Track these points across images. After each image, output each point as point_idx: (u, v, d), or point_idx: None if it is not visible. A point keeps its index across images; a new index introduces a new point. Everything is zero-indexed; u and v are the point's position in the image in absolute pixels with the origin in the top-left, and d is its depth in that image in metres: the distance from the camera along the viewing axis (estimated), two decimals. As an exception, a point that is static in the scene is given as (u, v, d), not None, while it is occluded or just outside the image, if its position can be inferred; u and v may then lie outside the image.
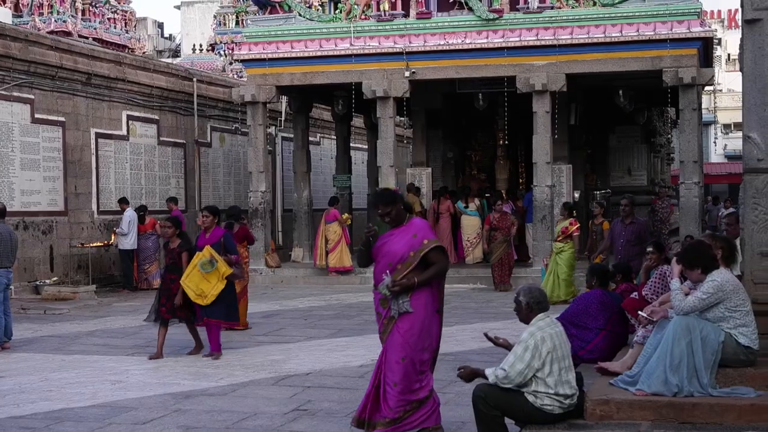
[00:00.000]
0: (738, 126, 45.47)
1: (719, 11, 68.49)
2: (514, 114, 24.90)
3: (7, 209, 16.26)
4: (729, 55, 64.40)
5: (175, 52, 60.35)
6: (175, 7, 63.73)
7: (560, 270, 19.41)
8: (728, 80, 61.10)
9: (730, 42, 62.63)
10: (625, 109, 26.31)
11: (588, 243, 20.65)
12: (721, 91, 59.60)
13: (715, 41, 39.61)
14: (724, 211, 26.30)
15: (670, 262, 9.41)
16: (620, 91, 25.01)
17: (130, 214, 22.99)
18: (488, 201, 25.34)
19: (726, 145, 59.29)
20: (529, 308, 7.83)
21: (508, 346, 7.98)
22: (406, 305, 8.06)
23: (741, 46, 9.45)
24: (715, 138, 57.69)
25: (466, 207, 25.62)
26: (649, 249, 12.54)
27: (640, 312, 9.43)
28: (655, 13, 22.81)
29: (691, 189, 22.73)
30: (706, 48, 24.19)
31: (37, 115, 22.04)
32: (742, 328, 8.14)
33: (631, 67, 23.09)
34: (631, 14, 22.98)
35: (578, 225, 20.03)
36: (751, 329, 8.18)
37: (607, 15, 23.13)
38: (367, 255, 8.45)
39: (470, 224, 25.47)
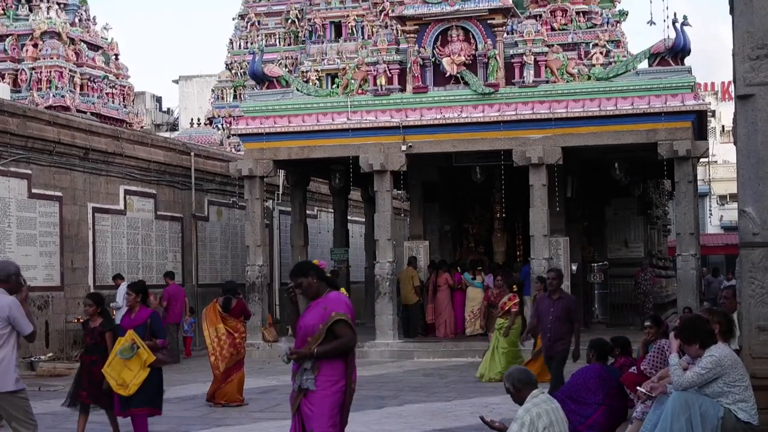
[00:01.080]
0: (734, 197, 45.62)
1: (713, 83, 69.06)
2: (511, 187, 24.99)
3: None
4: (723, 126, 64.79)
5: (173, 126, 60.74)
6: (173, 81, 64.29)
7: (500, 344, 18.98)
8: (723, 151, 61.43)
9: (724, 114, 63.02)
10: (621, 182, 26.40)
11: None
12: (716, 162, 59.86)
13: (709, 113, 39.95)
14: (726, 283, 26.31)
15: (668, 336, 9.37)
16: (616, 164, 25.11)
17: (125, 288, 22.91)
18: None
19: (722, 216, 59.39)
20: (516, 390, 7.82)
21: (504, 429, 7.91)
22: (310, 383, 8.09)
23: (734, 121, 9.51)
24: (711, 209, 57.81)
25: (474, 279, 25.71)
26: (647, 323, 12.50)
27: (639, 387, 9.38)
28: (649, 87, 23.01)
29: (688, 261, 22.74)
30: (700, 120, 24.35)
31: (34, 190, 22.08)
32: (741, 403, 8.09)
33: (627, 140, 23.23)
34: (625, 88, 23.19)
35: (517, 300, 19.71)
36: (750, 404, 8.13)
37: (602, 89, 23.33)
38: (293, 316, 8.44)
39: (476, 296, 25.53)
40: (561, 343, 14.30)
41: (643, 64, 23.95)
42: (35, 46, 33.85)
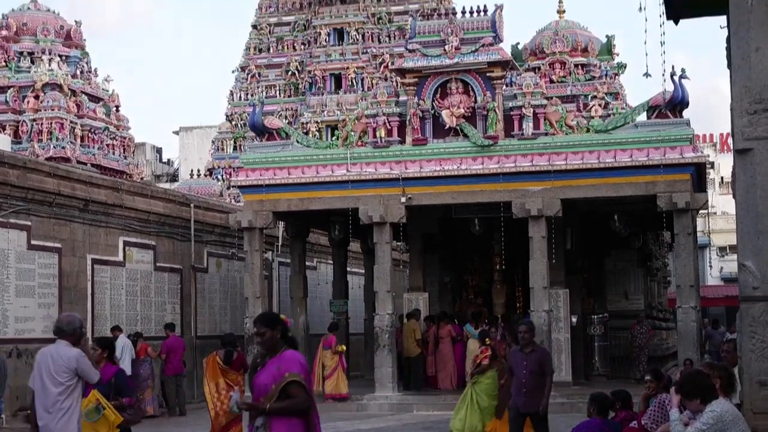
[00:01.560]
0: (734, 249, 45.60)
1: (711, 135, 69.32)
2: (511, 238, 24.99)
3: (1, 337, 16.17)
4: (722, 178, 64.94)
5: (174, 177, 60.86)
6: (173, 132, 64.60)
7: (480, 399, 18.50)
8: (722, 203, 61.51)
9: (723, 165, 63.19)
10: (621, 234, 26.40)
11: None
12: (715, 213, 59.94)
13: (708, 165, 40.05)
14: (729, 336, 26.24)
15: (669, 390, 9.32)
16: (615, 216, 25.12)
17: (123, 340, 22.83)
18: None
19: (722, 267, 59.30)
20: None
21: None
22: None
23: (733, 175, 9.52)
24: (711, 261, 57.77)
25: (476, 329, 25.62)
26: (648, 377, 12.44)
27: (639, 442, 9.31)
28: (647, 139, 23.09)
29: (688, 313, 22.69)
30: (699, 173, 24.41)
31: (33, 242, 22.05)
32: (743, 459, 8.02)
33: (626, 192, 23.27)
34: (624, 140, 23.27)
35: (489, 353, 19.37)
36: (752, 460, 8.06)
37: (601, 141, 23.42)
38: (252, 373, 8.34)
39: (477, 348, 25.32)
40: (539, 398, 13.99)
41: (642, 117, 24.06)
42: (36, 97, 34.02)
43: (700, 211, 30.44)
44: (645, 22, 11.29)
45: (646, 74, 12.48)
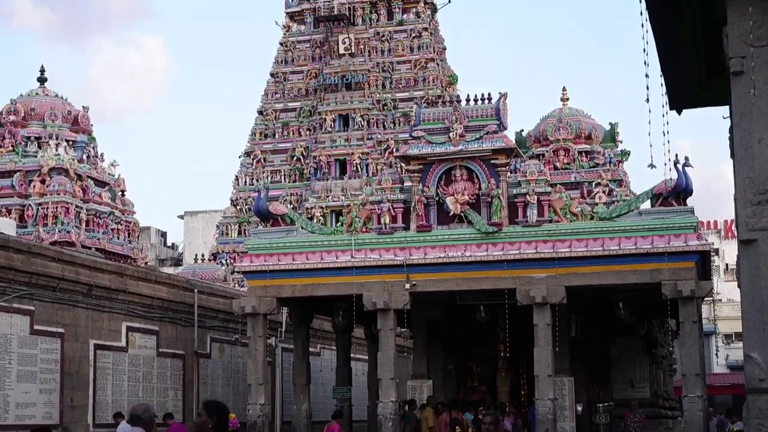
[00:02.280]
0: (740, 336, 45.36)
1: (715, 222, 69.38)
2: (515, 325, 24.87)
3: (1, 423, 16.03)
4: (727, 264, 64.84)
5: (178, 261, 60.93)
6: (178, 216, 64.74)
7: None
8: (727, 290, 61.31)
9: (728, 252, 63.17)
10: (626, 321, 26.26)
11: None
12: (720, 300, 59.70)
13: (713, 252, 39.98)
14: (731, 426, 25.98)
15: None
16: (620, 304, 25.03)
17: (124, 426, 22.62)
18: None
19: (728, 355, 58.91)
20: None
21: None
22: None
23: (738, 264, 9.50)
24: (717, 348, 57.43)
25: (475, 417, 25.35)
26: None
27: None
28: (652, 227, 23.11)
29: (694, 402, 22.49)
30: (704, 260, 24.38)
31: (36, 327, 21.98)
32: None
33: (630, 279, 23.21)
34: (628, 228, 23.28)
35: None
36: None
37: (605, 229, 23.43)
38: None
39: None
40: None
41: (646, 204, 24.11)
42: (43, 182, 34.17)
43: (705, 299, 30.32)
44: (649, 114, 11.35)
45: (651, 165, 12.53)
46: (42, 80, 37.42)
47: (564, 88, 37.71)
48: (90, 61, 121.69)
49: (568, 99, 37.61)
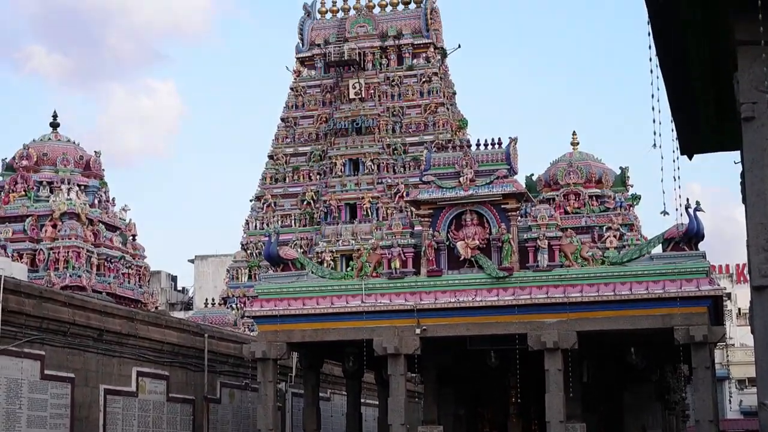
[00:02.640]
0: (753, 381, 45.07)
1: (727, 266, 69.14)
2: (526, 371, 24.73)
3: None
4: (740, 309, 64.55)
5: (188, 305, 60.94)
6: (189, 260, 64.80)
7: None
8: (740, 335, 60.97)
9: (740, 296, 62.89)
10: (638, 366, 26.11)
11: None
12: (733, 345, 59.38)
13: (725, 297, 39.84)
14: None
15: None
16: (632, 349, 24.88)
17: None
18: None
19: (741, 401, 58.53)
20: None
21: None
22: None
23: (751, 309, 9.46)
24: (731, 394, 57.07)
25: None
26: None
27: None
28: (663, 271, 23.02)
29: (708, 449, 22.27)
30: (716, 305, 24.26)
31: (46, 371, 21.95)
32: None
33: (642, 324, 23.10)
34: (639, 273, 23.20)
35: None
36: None
37: (616, 273, 23.36)
38: None
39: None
40: None
41: (657, 249, 24.04)
42: (54, 226, 34.30)
43: (718, 344, 30.16)
44: (661, 160, 11.35)
45: (664, 212, 12.51)
46: (55, 125, 37.66)
47: (574, 132, 37.84)
48: (102, 106, 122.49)
49: (578, 143, 37.70)
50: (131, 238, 37.40)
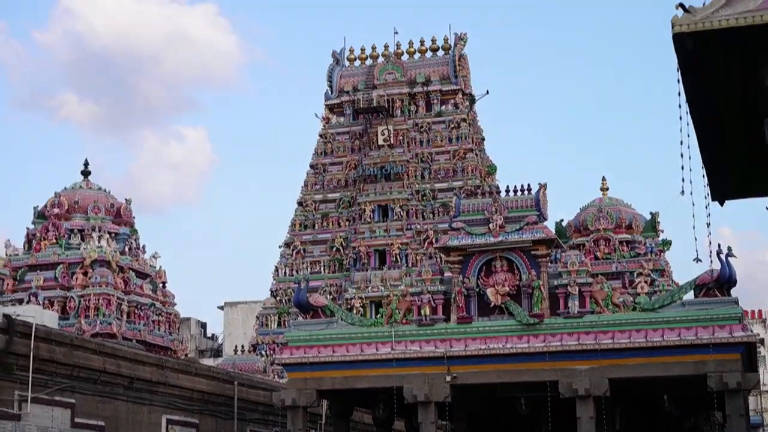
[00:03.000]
0: (787, 429, 44.41)
1: (760, 311, 68.47)
2: (558, 419, 24.53)
3: None
4: (773, 355, 63.81)
5: (218, 352, 60.91)
6: (218, 307, 64.86)
7: None
8: (774, 381, 60.26)
9: (774, 342, 62.20)
10: (671, 414, 25.86)
11: None
12: (767, 392, 58.68)
13: (758, 343, 39.43)
14: None
15: None
16: (665, 396, 24.64)
17: None
18: None
19: (776, 448, 57.74)
20: None
21: None
22: None
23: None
24: (765, 441, 56.33)
25: None
26: None
27: None
28: (696, 318, 22.84)
29: (743, 498, 21.97)
30: (749, 351, 24.02)
31: (77, 419, 21.98)
32: None
33: (675, 371, 22.90)
34: (672, 319, 23.03)
35: None
36: None
37: (648, 320, 23.20)
38: None
39: None
40: None
41: (689, 295, 23.88)
42: (85, 274, 34.44)
43: (752, 390, 29.82)
44: (692, 207, 11.31)
45: (696, 259, 12.47)
46: (86, 173, 37.94)
47: (603, 177, 37.78)
48: (134, 153, 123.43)
49: (607, 188, 37.61)
50: (161, 285, 37.50)
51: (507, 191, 25.35)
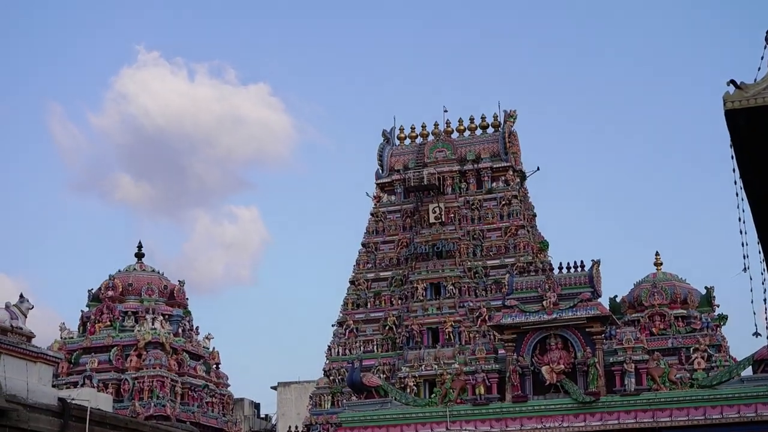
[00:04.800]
0: None
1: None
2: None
3: None
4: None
5: (271, 433, 60.56)
6: (272, 387, 64.66)
7: None
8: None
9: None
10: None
11: None
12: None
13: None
14: None
15: None
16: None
17: None
18: None
19: None
20: None
21: None
22: None
23: None
24: None
25: None
26: None
27: None
28: (755, 394, 22.49)
29: None
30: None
31: (131, 504, 21.90)
32: None
33: (736, 450, 22.49)
34: (730, 396, 22.69)
35: None
36: None
37: (706, 397, 22.87)
38: None
39: None
40: None
41: (748, 371, 23.54)
42: (139, 356, 34.60)
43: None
44: (750, 281, 11.19)
45: (756, 333, 12.31)
46: (139, 255, 38.31)
47: (657, 252, 37.51)
48: (187, 233, 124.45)
49: (661, 263, 37.29)
50: (215, 366, 37.58)
51: (560, 268, 25.25)
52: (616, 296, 35.84)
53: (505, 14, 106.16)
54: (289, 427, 44.88)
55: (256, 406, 65.62)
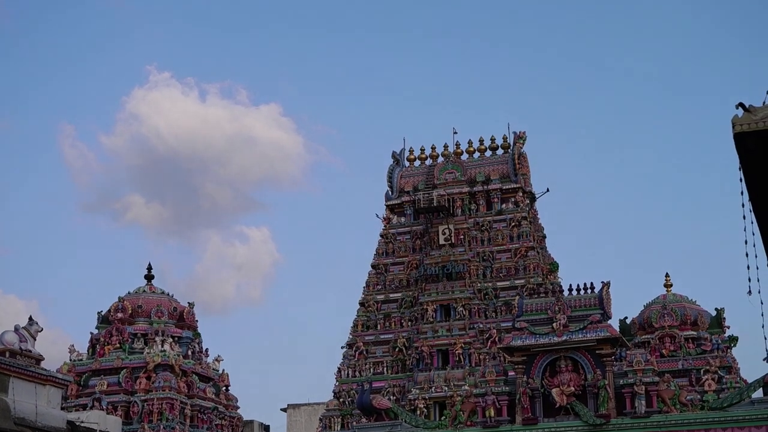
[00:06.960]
0: None
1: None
2: None
3: None
4: None
5: (279, 455, 60.40)
6: (281, 409, 64.56)
7: None
8: None
9: None
10: None
11: None
12: None
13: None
14: None
15: None
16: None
17: None
18: None
19: None
20: None
21: None
22: None
23: None
24: None
25: None
26: None
27: None
28: (766, 416, 22.38)
29: None
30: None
31: None
32: None
33: (747, 472, 22.38)
34: (741, 418, 22.62)
35: None
36: None
37: (717, 419, 22.80)
38: None
39: None
40: None
41: (758, 393, 23.45)
42: (148, 378, 34.60)
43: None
44: (760, 305, 11.16)
45: (767, 359, 12.26)
46: (149, 277, 38.35)
47: (667, 274, 37.42)
48: (198, 254, 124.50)
49: (671, 285, 37.20)
50: (224, 388, 37.55)
51: (570, 290, 25.22)
52: (626, 318, 35.74)
53: (515, 37, 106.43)
54: (299, 449, 44.80)
55: (266, 428, 65.47)
